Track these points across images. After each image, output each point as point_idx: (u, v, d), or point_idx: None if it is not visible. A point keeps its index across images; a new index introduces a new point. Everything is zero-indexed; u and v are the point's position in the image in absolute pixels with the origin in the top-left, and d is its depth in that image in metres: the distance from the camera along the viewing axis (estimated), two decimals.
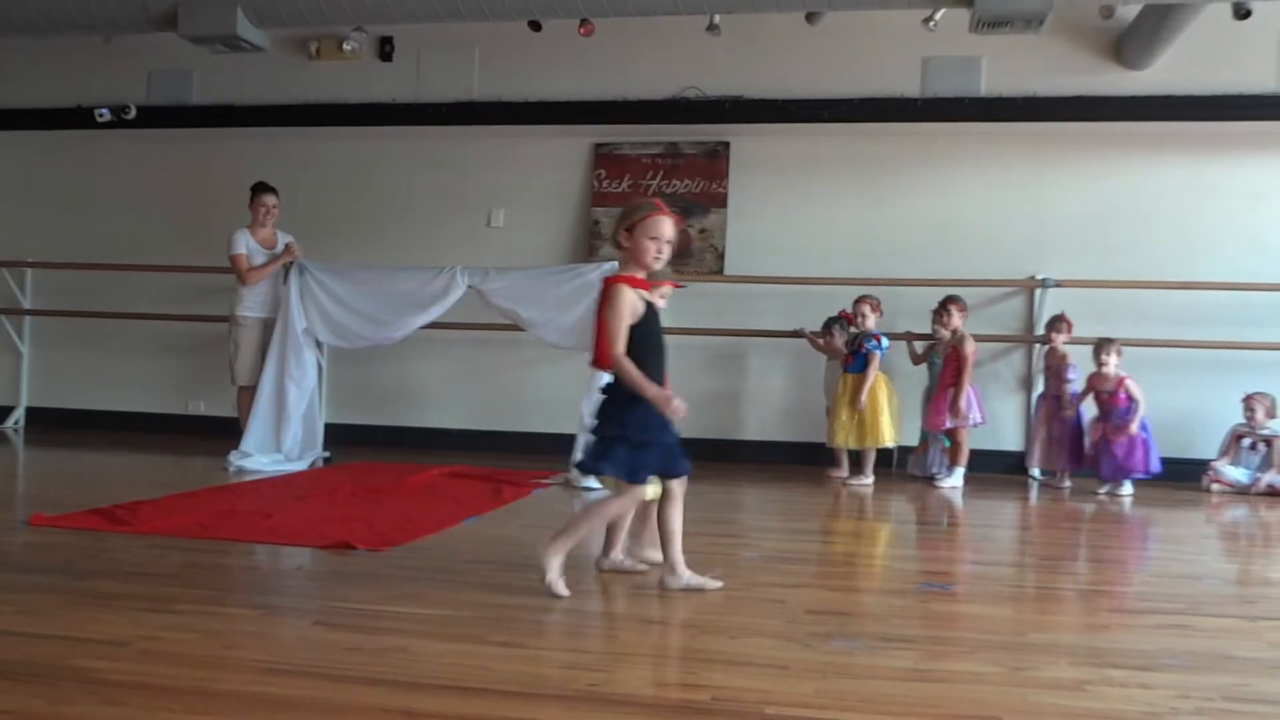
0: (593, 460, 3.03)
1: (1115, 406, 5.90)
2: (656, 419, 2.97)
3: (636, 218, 3.00)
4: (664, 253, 2.99)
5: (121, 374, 7.77)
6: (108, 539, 3.58)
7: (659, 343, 3.06)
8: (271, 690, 2.08)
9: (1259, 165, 6.61)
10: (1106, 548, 4.51)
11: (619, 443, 2.96)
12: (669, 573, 3.09)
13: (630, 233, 3.00)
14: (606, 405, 3.04)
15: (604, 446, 2.99)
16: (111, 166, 7.91)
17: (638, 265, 3.02)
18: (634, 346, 2.96)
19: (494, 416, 7.28)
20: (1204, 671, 2.42)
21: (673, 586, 3.06)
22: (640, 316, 2.97)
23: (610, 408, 3.02)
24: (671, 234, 3.00)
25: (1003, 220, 6.82)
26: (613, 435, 2.98)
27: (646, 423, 2.95)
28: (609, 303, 2.94)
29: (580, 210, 7.36)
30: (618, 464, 2.96)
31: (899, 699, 2.16)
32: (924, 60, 6.83)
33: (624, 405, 2.96)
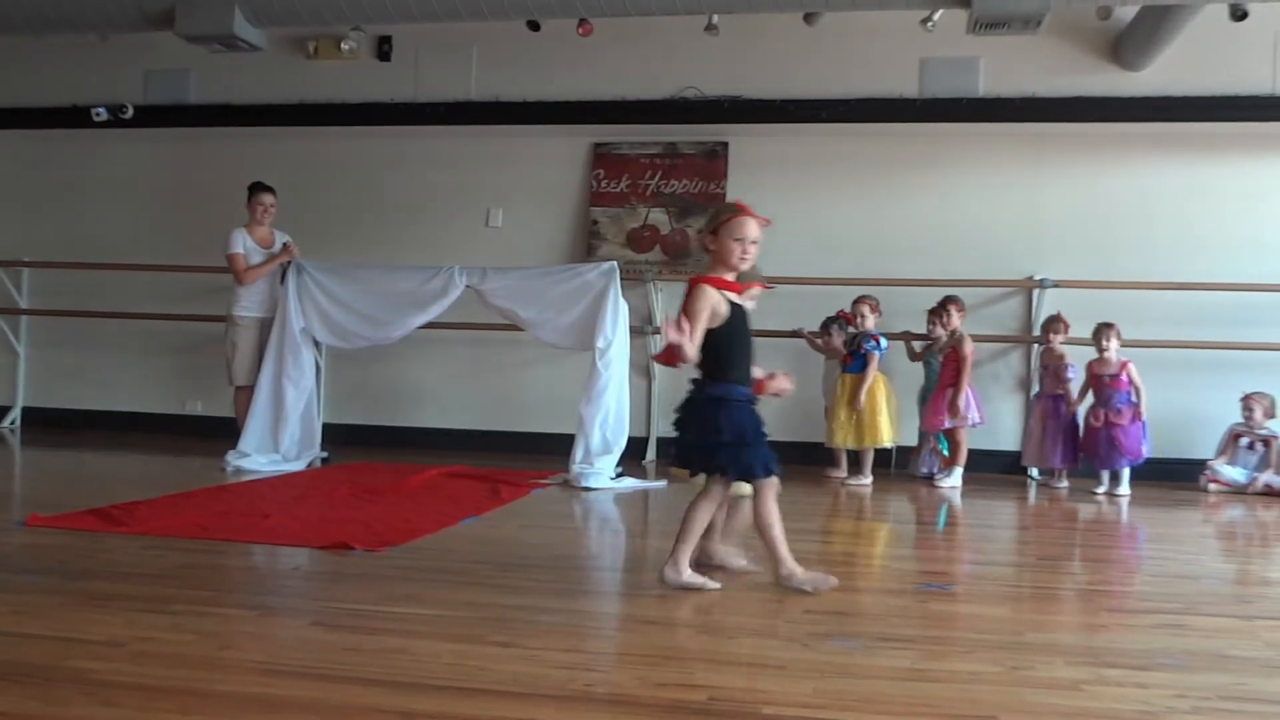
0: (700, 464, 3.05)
1: (1117, 390, 5.91)
2: (753, 416, 3.03)
3: (721, 220, 3.03)
4: (749, 253, 3.02)
5: (118, 374, 7.77)
6: (104, 539, 3.58)
7: (746, 344, 3.08)
8: (269, 691, 2.08)
9: (1256, 166, 6.62)
10: (1104, 547, 4.51)
11: (720, 447, 2.99)
12: (670, 565, 3.09)
13: (715, 235, 3.04)
14: (694, 408, 3.06)
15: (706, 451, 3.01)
16: (108, 166, 7.90)
17: (724, 267, 3.05)
18: (720, 347, 2.99)
19: (492, 416, 7.28)
20: (1200, 671, 2.42)
21: (670, 581, 3.06)
22: (724, 318, 2.99)
23: (699, 411, 3.04)
24: (756, 234, 3.03)
25: (1001, 220, 6.83)
26: (710, 441, 3.00)
27: (745, 421, 2.99)
28: (689, 300, 2.97)
29: (579, 210, 7.36)
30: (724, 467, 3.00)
31: (897, 699, 2.16)
32: (922, 61, 6.83)
33: (714, 408, 3.00)
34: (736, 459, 2.99)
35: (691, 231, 7.16)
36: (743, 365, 3.06)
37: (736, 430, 2.98)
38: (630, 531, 4.66)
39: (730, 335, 3.01)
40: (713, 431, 2.99)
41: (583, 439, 5.64)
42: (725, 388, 3.03)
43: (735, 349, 3.03)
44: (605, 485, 5.45)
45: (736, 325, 3.03)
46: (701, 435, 3.02)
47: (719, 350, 2.99)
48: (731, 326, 3.01)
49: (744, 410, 3.03)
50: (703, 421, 3.02)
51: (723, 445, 2.98)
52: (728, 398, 3.01)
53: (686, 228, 7.18)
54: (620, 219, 7.27)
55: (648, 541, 4.50)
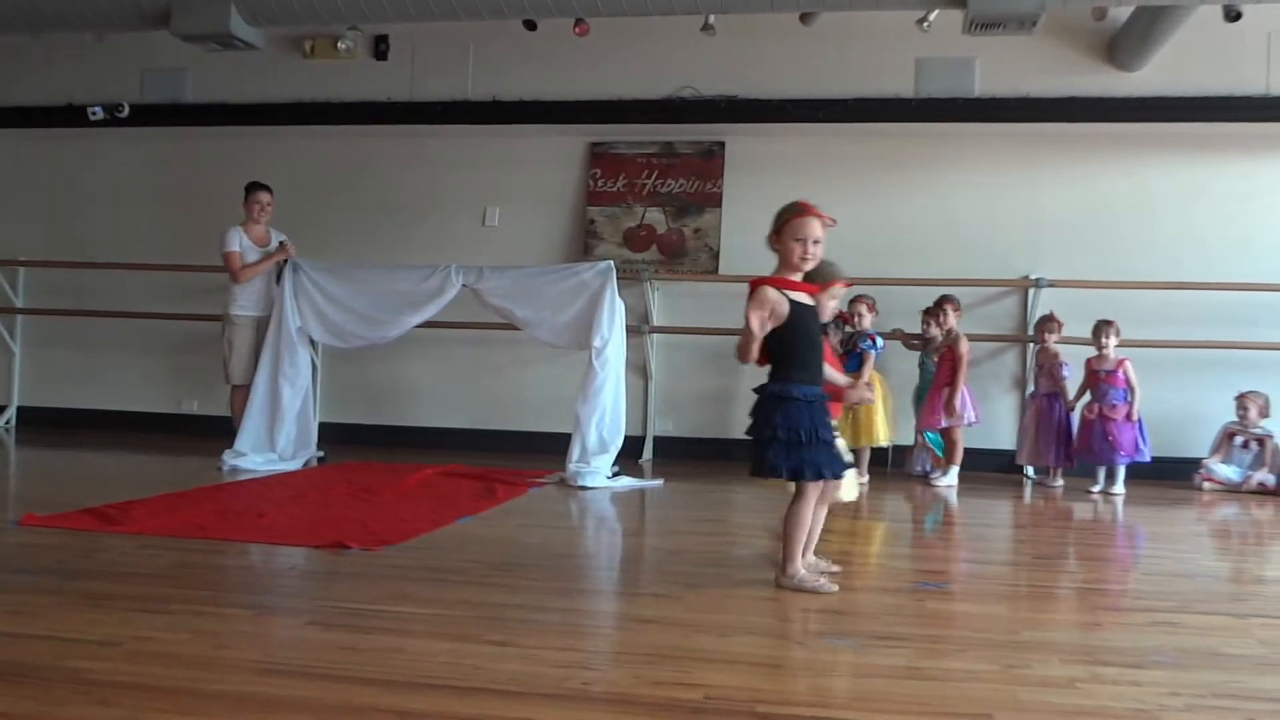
0: (756, 464, 3.05)
1: (1113, 386, 5.93)
2: (812, 417, 3.00)
3: (783, 219, 3.04)
4: (811, 252, 3.02)
5: (114, 373, 7.76)
6: (100, 539, 3.58)
7: (811, 342, 3.07)
8: (265, 690, 2.08)
9: (1250, 166, 6.64)
10: (1099, 546, 4.52)
11: (772, 443, 2.99)
12: (781, 570, 3.11)
13: (778, 234, 3.05)
14: (757, 406, 3.07)
15: (760, 448, 3.02)
16: (104, 165, 7.89)
17: (787, 267, 3.06)
18: (786, 346, 3.00)
19: (489, 416, 7.28)
20: (1194, 669, 2.43)
21: (784, 585, 3.08)
22: (785, 317, 2.99)
23: (760, 408, 3.05)
24: (818, 233, 3.03)
25: (996, 220, 6.84)
26: (765, 436, 3.01)
27: (801, 421, 2.98)
28: (749, 302, 3.00)
29: (575, 209, 7.36)
30: (774, 465, 2.99)
31: (891, 697, 2.16)
32: (918, 61, 6.84)
33: (772, 406, 3.01)
34: (787, 457, 2.98)
35: (688, 231, 7.16)
36: (807, 365, 3.04)
37: (790, 429, 2.98)
38: (627, 531, 4.67)
39: (792, 334, 3.01)
40: (768, 428, 3.00)
41: (579, 438, 5.64)
42: (784, 386, 3.03)
43: (797, 348, 3.03)
44: (602, 484, 5.45)
45: (799, 324, 3.02)
46: (759, 432, 3.03)
47: (781, 349, 3.01)
48: (793, 326, 3.01)
49: (802, 409, 3.00)
50: (763, 419, 3.04)
51: (775, 442, 2.99)
52: (786, 396, 3.01)
53: (683, 227, 7.18)
54: (617, 218, 7.27)
55: (644, 540, 4.50)
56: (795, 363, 3.02)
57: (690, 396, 7.15)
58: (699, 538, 4.23)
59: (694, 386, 7.15)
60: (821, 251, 3.06)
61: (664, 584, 3.22)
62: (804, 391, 3.01)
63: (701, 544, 4.05)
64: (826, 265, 3.29)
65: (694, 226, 7.16)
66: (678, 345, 7.15)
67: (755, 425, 3.06)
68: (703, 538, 4.23)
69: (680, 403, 7.14)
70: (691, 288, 7.15)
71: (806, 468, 2.99)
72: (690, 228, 7.16)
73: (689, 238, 7.15)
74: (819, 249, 3.03)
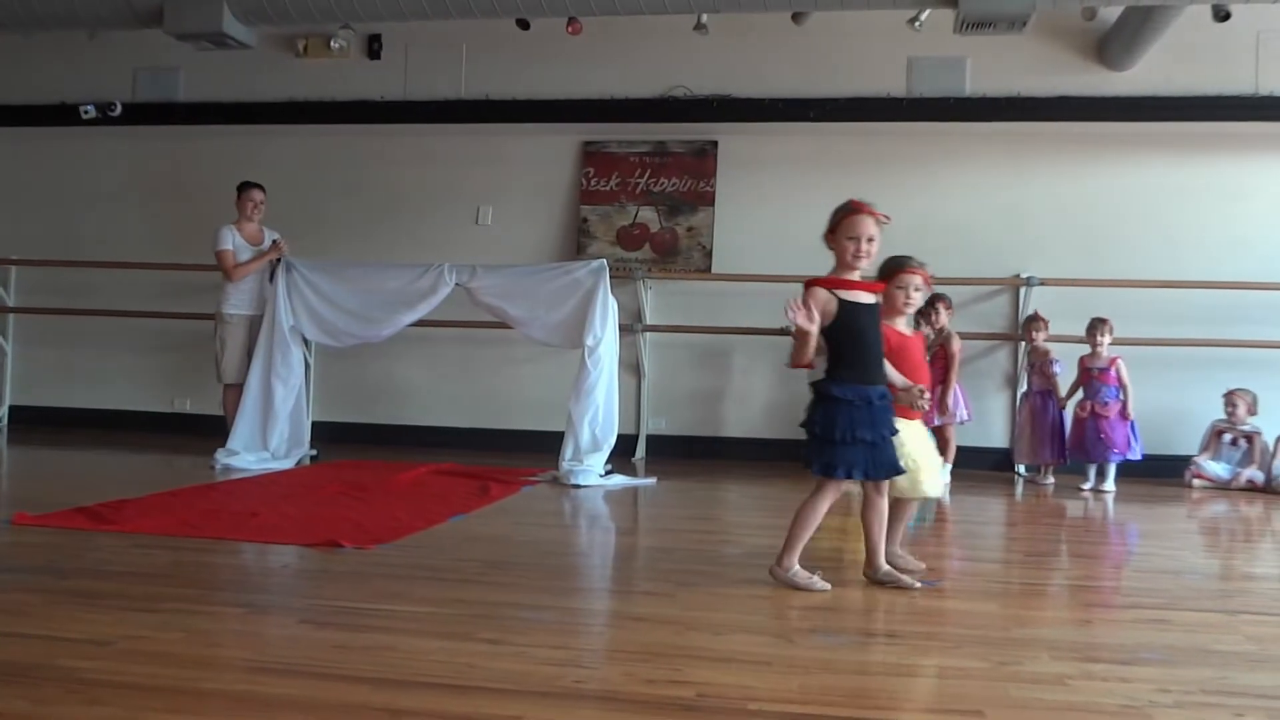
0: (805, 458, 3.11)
1: (1105, 384, 5.96)
2: (852, 417, 2.99)
3: (836, 219, 3.06)
4: (864, 250, 3.02)
5: (106, 372, 7.73)
6: (92, 538, 3.57)
7: (861, 341, 3.06)
8: (257, 689, 2.08)
9: (1239, 165, 6.67)
10: (1089, 543, 4.55)
11: (816, 439, 3.04)
12: (867, 564, 3.17)
13: (833, 233, 3.06)
14: (812, 403, 3.10)
15: (806, 444, 3.08)
16: (97, 164, 7.87)
17: (842, 266, 3.07)
18: (834, 345, 3.02)
19: (481, 414, 7.28)
20: (1183, 665, 2.45)
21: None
22: (834, 316, 3.00)
23: (810, 405, 3.09)
24: (872, 230, 3.04)
25: (987, 219, 6.86)
26: (812, 433, 3.06)
27: (838, 420, 2.99)
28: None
29: (568, 208, 7.36)
30: (808, 460, 3.06)
31: (882, 694, 2.18)
32: (909, 60, 6.86)
33: (815, 403, 3.04)
34: (819, 454, 3.02)
35: (681, 230, 7.16)
36: (854, 364, 3.04)
37: (827, 426, 3.00)
38: (619, 529, 4.67)
39: (839, 333, 3.02)
40: (810, 424, 3.06)
41: (572, 436, 5.64)
42: (827, 384, 3.04)
43: (849, 347, 3.03)
44: (595, 483, 5.46)
45: (848, 324, 3.02)
46: (806, 428, 3.08)
47: (831, 348, 3.02)
48: (841, 325, 3.02)
49: (841, 408, 3.00)
50: (808, 416, 3.09)
51: (814, 439, 3.03)
52: (826, 394, 3.03)
53: (676, 226, 7.19)
54: (610, 217, 7.28)
55: (637, 539, 4.51)
56: (843, 361, 3.03)
57: (683, 395, 7.16)
58: (691, 536, 4.23)
59: (687, 385, 7.16)
60: (877, 249, 3.07)
61: (657, 582, 3.23)
62: (846, 390, 3.00)
63: (694, 542, 4.06)
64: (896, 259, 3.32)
65: (687, 225, 7.17)
66: (671, 344, 7.16)
67: (805, 421, 3.11)
68: (695, 536, 4.24)
69: (673, 401, 7.14)
70: (684, 286, 7.16)
71: (838, 466, 3.00)
72: (683, 226, 7.17)
73: (682, 236, 7.16)
74: (873, 247, 3.04)
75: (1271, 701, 2.20)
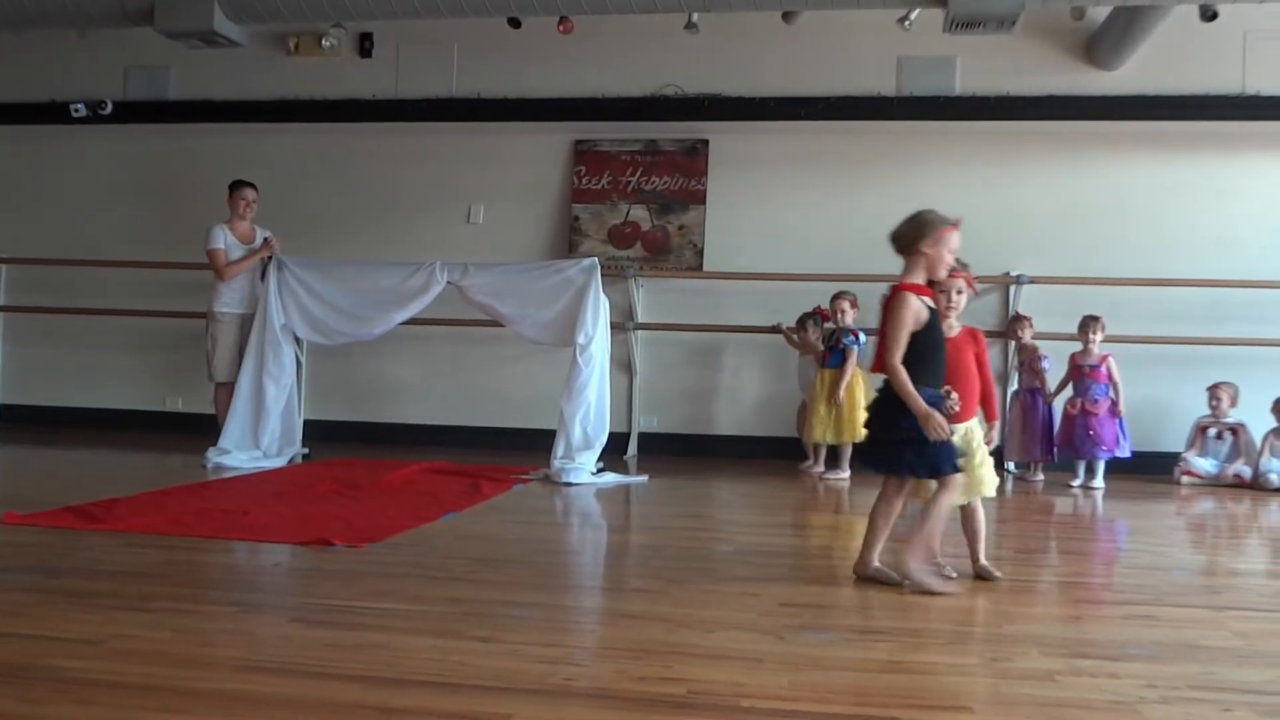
0: (887, 464, 3.14)
1: (1096, 381, 5.99)
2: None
3: (940, 230, 3.18)
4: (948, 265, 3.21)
5: (98, 371, 7.71)
6: (82, 537, 3.57)
7: (940, 346, 3.17)
8: (248, 688, 2.08)
9: (1226, 164, 6.71)
10: (1078, 540, 4.57)
11: (906, 445, 3.06)
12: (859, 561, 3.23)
13: (935, 243, 3.17)
14: (882, 407, 3.14)
15: (893, 450, 3.09)
16: (87, 162, 7.84)
17: (930, 274, 3.17)
18: (918, 351, 3.08)
19: (473, 412, 7.28)
20: (1170, 661, 2.46)
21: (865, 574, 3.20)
22: (924, 324, 3.09)
23: (887, 410, 3.11)
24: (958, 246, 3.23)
25: (977, 218, 6.80)
26: (897, 439, 3.07)
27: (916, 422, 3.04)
28: (895, 310, 3.07)
29: (560, 207, 7.37)
30: (914, 465, 3.08)
31: (872, 690, 2.18)
32: (899, 59, 6.88)
33: (901, 407, 3.05)
34: (920, 455, 3.07)
35: (672, 228, 7.17)
36: (936, 368, 3.14)
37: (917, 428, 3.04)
38: (611, 527, 4.68)
39: (929, 339, 3.10)
40: (897, 430, 3.07)
41: (564, 434, 5.65)
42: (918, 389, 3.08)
43: (931, 352, 3.12)
44: (586, 480, 5.46)
45: (933, 329, 3.13)
46: (888, 433, 3.10)
47: (917, 354, 3.08)
48: (931, 333, 3.11)
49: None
50: (890, 421, 3.10)
51: (909, 443, 3.06)
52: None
53: (667, 224, 7.20)
54: (601, 215, 7.28)
55: (628, 536, 4.52)
56: (927, 366, 3.10)
57: (674, 393, 7.17)
58: (683, 533, 4.24)
59: (678, 383, 7.18)
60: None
61: (648, 579, 3.24)
62: (924, 393, 3.07)
63: (685, 540, 4.07)
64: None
65: (678, 223, 7.18)
66: (662, 342, 7.17)
67: (882, 426, 3.13)
68: (686, 533, 4.24)
69: (664, 399, 7.15)
70: (676, 284, 7.17)
71: (944, 463, 3.08)
72: (674, 225, 7.18)
73: (673, 235, 7.17)
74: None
75: (1258, 696, 2.21)
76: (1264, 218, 6.65)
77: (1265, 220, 6.65)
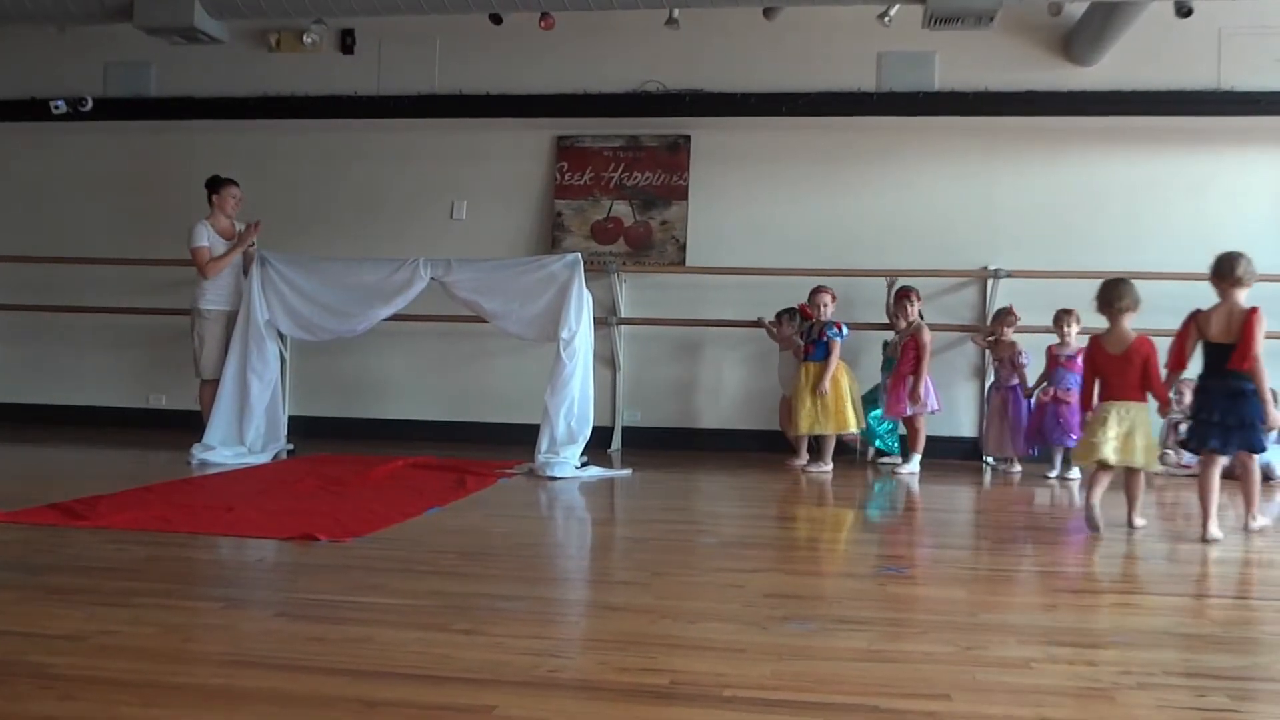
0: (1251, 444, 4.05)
1: (1071, 371, 6.03)
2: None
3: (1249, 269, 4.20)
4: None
5: (80, 368, 7.66)
6: (65, 534, 3.56)
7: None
8: (232, 683, 2.09)
9: (1201, 159, 6.75)
10: (1055, 530, 4.61)
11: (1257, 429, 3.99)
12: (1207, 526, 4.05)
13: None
14: (1251, 399, 3.99)
15: (1256, 431, 4.00)
16: (68, 159, 7.78)
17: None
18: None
19: (458, 407, 7.28)
20: (1146, 648, 2.50)
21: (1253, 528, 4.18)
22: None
23: (1253, 400, 3.99)
24: None
25: (955, 212, 6.93)
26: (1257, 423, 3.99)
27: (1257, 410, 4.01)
28: (1258, 324, 3.98)
29: (543, 202, 7.37)
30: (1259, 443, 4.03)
31: (853, 679, 2.21)
32: (879, 55, 6.91)
33: (1258, 399, 3.98)
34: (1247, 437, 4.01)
35: (655, 224, 7.19)
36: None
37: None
38: (595, 520, 4.70)
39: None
40: (1260, 415, 3.99)
41: (548, 429, 5.66)
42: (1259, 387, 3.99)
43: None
44: (570, 474, 5.48)
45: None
46: (1256, 419, 4.00)
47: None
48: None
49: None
50: (1256, 410, 3.99)
51: (1246, 428, 3.99)
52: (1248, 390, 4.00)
53: (650, 220, 7.21)
54: (584, 211, 7.29)
55: (612, 529, 4.55)
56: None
57: (658, 387, 7.19)
58: (666, 526, 4.27)
59: (661, 377, 7.20)
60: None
61: (631, 572, 3.27)
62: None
63: (669, 532, 4.09)
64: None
65: (661, 219, 7.20)
66: (645, 337, 7.19)
67: (1253, 413, 3.98)
68: (670, 526, 4.27)
69: (648, 393, 7.17)
70: (659, 279, 7.19)
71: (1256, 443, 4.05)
72: (657, 220, 7.19)
73: (656, 230, 7.19)
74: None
75: (1232, 682, 2.26)
76: (1238, 212, 6.70)
77: (1239, 214, 6.71)
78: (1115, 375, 4.25)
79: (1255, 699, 2.17)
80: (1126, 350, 4.25)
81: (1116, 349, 4.26)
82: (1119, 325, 4.36)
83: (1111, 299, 4.37)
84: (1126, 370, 4.22)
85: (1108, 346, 4.30)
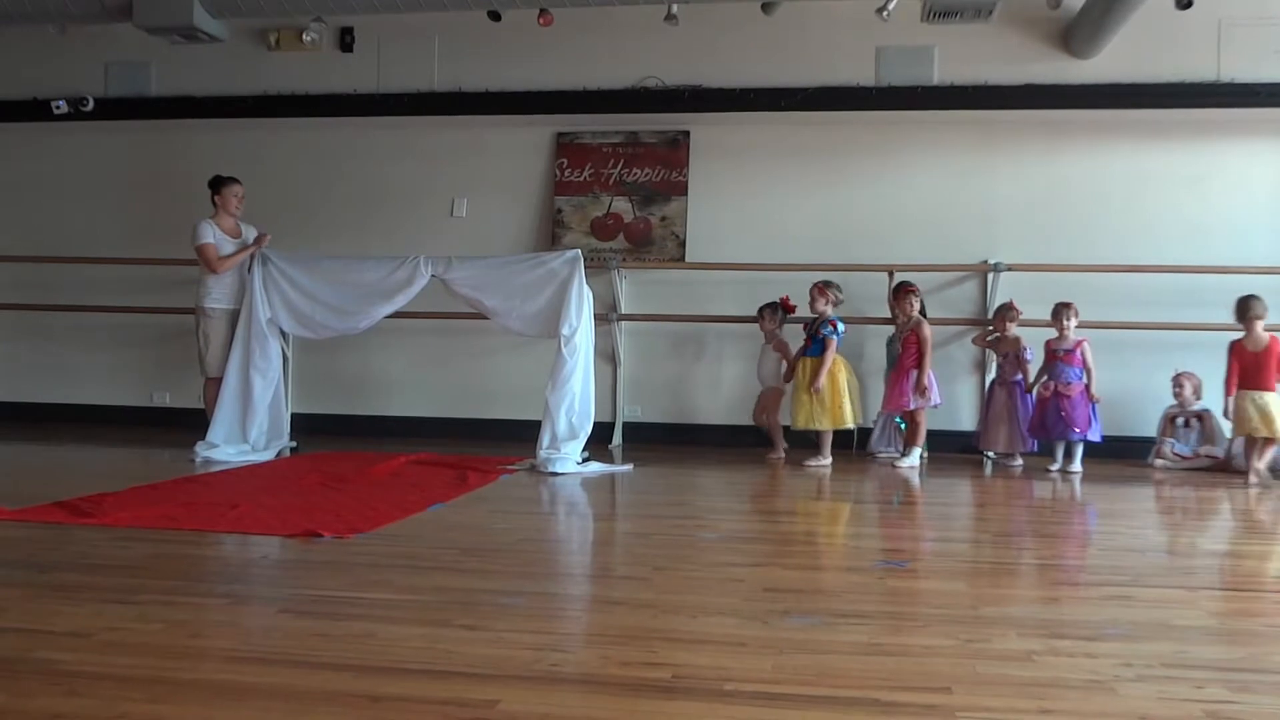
0: None
1: (1070, 365, 6.05)
2: None
3: None
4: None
5: (84, 367, 7.69)
6: (71, 531, 3.57)
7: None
8: (237, 678, 2.11)
9: (1200, 151, 6.76)
10: (1056, 523, 4.62)
11: None
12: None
13: None
14: None
15: None
16: (69, 159, 7.80)
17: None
18: None
19: (459, 404, 7.30)
20: (1146, 640, 2.51)
21: None
22: None
23: None
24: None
25: (955, 206, 6.93)
26: None
27: None
28: None
29: (542, 199, 7.38)
30: None
31: (853, 673, 2.22)
32: (878, 50, 6.90)
33: None
34: None
35: (655, 220, 7.20)
36: None
37: None
38: (596, 515, 4.71)
39: None
40: None
41: (549, 425, 5.68)
42: None
43: None
44: (572, 470, 5.50)
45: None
46: None
47: None
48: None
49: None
50: None
51: None
52: None
53: (650, 216, 7.22)
54: (584, 207, 7.30)
55: (614, 524, 4.56)
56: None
57: (658, 383, 7.21)
58: (667, 521, 4.28)
59: (662, 373, 7.21)
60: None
61: (633, 566, 3.28)
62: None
63: (670, 527, 4.11)
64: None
65: (660, 215, 7.20)
66: (645, 332, 7.20)
67: None
68: (671, 521, 4.28)
69: (648, 389, 7.19)
70: (659, 275, 7.20)
71: None
72: (657, 216, 7.20)
73: (655, 226, 7.19)
74: None
75: (1230, 674, 2.26)
76: (1238, 204, 6.72)
77: (1239, 207, 6.72)
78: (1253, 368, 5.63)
79: (1254, 691, 2.17)
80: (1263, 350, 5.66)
81: (1255, 347, 5.66)
82: (1254, 330, 5.71)
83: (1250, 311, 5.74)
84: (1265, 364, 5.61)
85: (1248, 346, 5.68)
